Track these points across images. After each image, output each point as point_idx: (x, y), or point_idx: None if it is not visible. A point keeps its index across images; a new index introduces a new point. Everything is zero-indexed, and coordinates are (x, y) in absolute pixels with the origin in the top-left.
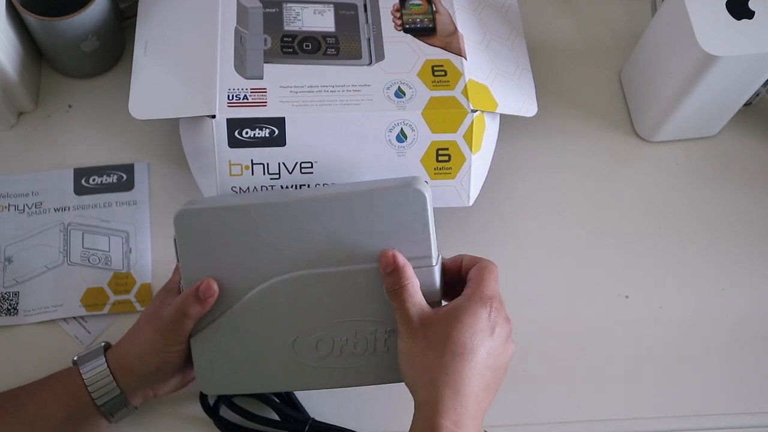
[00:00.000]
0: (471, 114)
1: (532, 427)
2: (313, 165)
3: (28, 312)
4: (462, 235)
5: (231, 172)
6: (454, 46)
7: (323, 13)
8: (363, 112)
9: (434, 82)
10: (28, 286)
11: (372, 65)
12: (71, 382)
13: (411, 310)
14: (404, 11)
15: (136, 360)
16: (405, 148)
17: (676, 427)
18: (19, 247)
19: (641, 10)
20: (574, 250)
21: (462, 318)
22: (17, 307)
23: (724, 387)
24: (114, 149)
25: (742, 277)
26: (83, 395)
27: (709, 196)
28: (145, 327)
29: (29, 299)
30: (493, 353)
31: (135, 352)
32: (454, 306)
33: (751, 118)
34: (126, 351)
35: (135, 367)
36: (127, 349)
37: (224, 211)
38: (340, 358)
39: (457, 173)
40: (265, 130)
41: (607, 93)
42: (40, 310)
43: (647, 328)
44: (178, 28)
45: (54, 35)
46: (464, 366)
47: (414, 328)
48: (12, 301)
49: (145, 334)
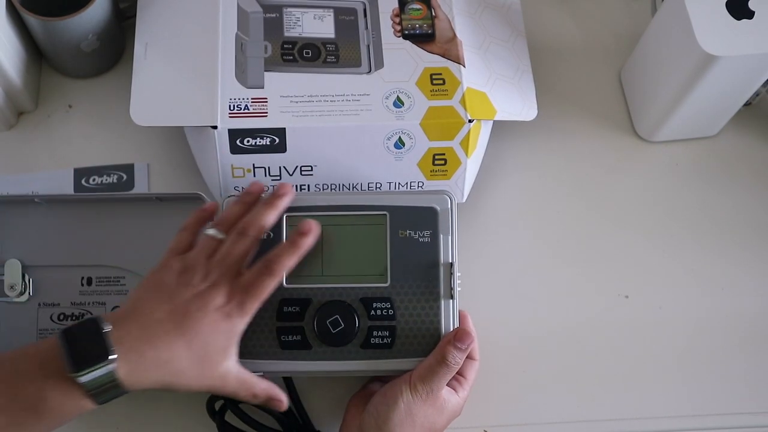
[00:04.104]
0: (468, 124)
1: (532, 427)
2: (313, 168)
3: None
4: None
5: (234, 175)
6: (452, 54)
7: (323, 18)
8: (362, 122)
9: (432, 91)
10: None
11: (371, 73)
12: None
13: (431, 382)
14: (404, 16)
15: (156, 373)
16: (402, 154)
17: (676, 427)
18: None
19: (641, 10)
20: (573, 250)
21: (445, 416)
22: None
23: (724, 387)
24: (114, 149)
25: (743, 277)
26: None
27: (709, 196)
28: (177, 340)
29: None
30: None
31: (158, 360)
32: (450, 402)
33: (751, 118)
34: (142, 352)
35: (151, 378)
36: (143, 352)
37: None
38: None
39: (453, 174)
40: (266, 138)
41: (607, 93)
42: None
43: (647, 328)
44: (179, 30)
45: (54, 35)
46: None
47: (415, 387)
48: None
49: (175, 350)
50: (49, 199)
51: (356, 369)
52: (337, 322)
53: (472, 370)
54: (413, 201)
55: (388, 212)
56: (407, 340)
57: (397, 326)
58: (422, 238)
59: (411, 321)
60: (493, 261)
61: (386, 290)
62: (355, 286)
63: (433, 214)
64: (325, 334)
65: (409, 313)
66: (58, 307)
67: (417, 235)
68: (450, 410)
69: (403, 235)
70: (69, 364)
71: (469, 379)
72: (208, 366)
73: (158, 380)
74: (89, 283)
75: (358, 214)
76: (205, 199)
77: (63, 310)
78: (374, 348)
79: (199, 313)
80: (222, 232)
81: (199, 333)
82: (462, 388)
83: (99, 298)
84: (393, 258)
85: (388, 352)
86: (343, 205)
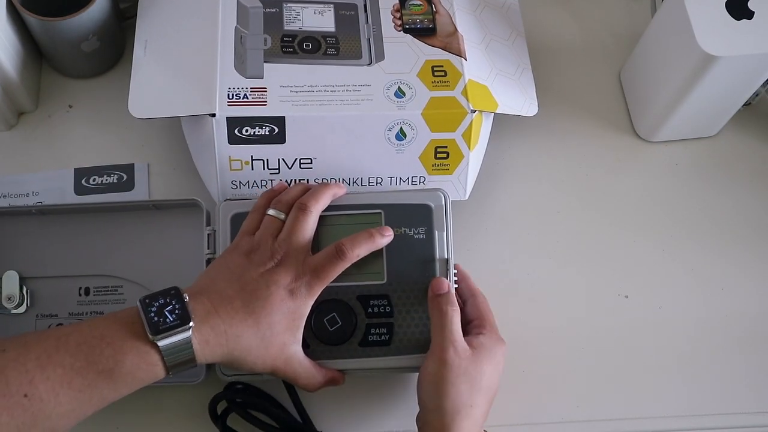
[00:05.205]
0: (471, 114)
1: (532, 427)
2: (312, 161)
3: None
4: (461, 236)
5: (231, 167)
6: (454, 47)
7: (323, 13)
8: (363, 111)
9: (434, 82)
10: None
11: (372, 65)
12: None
13: (450, 338)
14: (404, 11)
15: (225, 347)
16: (404, 146)
17: (676, 427)
18: None
19: (641, 10)
20: (573, 250)
21: (491, 359)
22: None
23: (723, 387)
24: (114, 149)
25: (742, 277)
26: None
27: (708, 196)
28: (246, 318)
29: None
30: (498, 384)
31: (228, 335)
32: (482, 345)
33: (750, 118)
34: (214, 326)
35: (220, 352)
36: (215, 325)
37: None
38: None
39: (455, 169)
40: (265, 128)
41: (607, 93)
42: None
43: (647, 328)
44: (179, 28)
45: (54, 35)
46: (486, 402)
47: (449, 356)
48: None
49: (244, 327)
50: (45, 209)
51: (355, 367)
52: (335, 321)
53: (480, 306)
54: (408, 199)
55: (383, 210)
56: (405, 336)
57: (395, 323)
58: (417, 235)
59: (408, 318)
60: (493, 261)
61: (383, 288)
62: (352, 284)
63: (428, 211)
64: (323, 333)
65: (407, 309)
66: (56, 317)
67: (412, 233)
68: (487, 351)
69: (398, 232)
70: (149, 327)
71: (485, 316)
72: (274, 346)
73: (226, 355)
74: (87, 293)
75: (353, 213)
76: (202, 205)
77: (61, 321)
78: (372, 345)
79: (266, 292)
80: (281, 212)
81: (266, 311)
82: (482, 327)
83: (97, 308)
84: (389, 255)
85: (386, 349)
86: (339, 204)
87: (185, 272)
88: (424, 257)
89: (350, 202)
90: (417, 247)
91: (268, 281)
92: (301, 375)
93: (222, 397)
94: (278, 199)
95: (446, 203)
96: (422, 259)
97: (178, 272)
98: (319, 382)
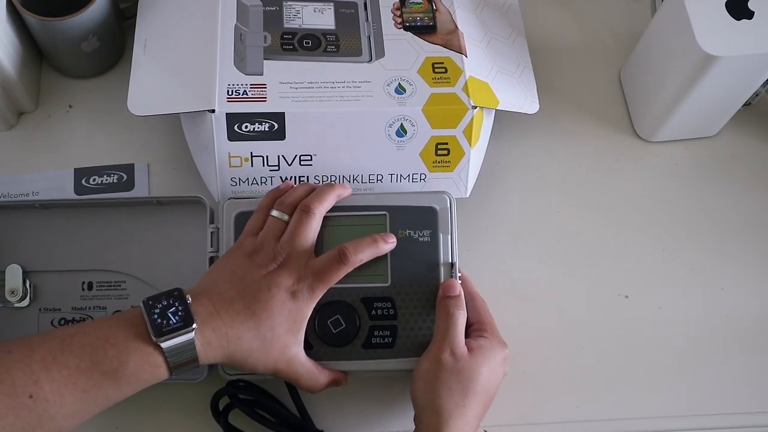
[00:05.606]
0: (471, 110)
1: (532, 427)
2: (312, 158)
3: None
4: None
5: (231, 164)
6: (454, 44)
7: (323, 11)
8: (363, 107)
9: (435, 78)
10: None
11: (372, 62)
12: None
13: (450, 339)
14: (404, 9)
15: (227, 349)
16: (404, 143)
17: (676, 427)
18: None
19: (641, 10)
20: (573, 250)
21: (489, 361)
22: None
23: (723, 387)
24: (114, 149)
25: (742, 277)
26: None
27: (708, 196)
28: (247, 320)
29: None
30: (497, 387)
31: (229, 336)
32: (481, 347)
33: (750, 118)
34: (215, 327)
35: (222, 353)
36: (217, 327)
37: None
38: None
39: (456, 166)
40: (265, 124)
41: (607, 93)
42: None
43: (647, 328)
44: (178, 27)
45: (54, 35)
46: (481, 403)
47: (445, 356)
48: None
49: (245, 329)
50: (49, 204)
51: (357, 369)
52: (339, 322)
53: (480, 309)
54: (413, 201)
55: (388, 212)
56: (408, 339)
57: (399, 326)
58: (422, 238)
59: (412, 320)
60: (493, 261)
61: (387, 290)
62: (355, 286)
63: (433, 213)
64: (327, 334)
65: (410, 312)
66: (59, 312)
67: (417, 235)
68: (485, 353)
69: (402, 234)
70: (153, 329)
71: (485, 319)
72: (275, 348)
73: (228, 356)
74: (90, 287)
75: (357, 214)
76: (205, 202)
77: (64, 315)
78: (375, 348)
79: (267, 294)
80: (284, 213)
81: (267, 313)
82: (482, 330)
83: (100, 303)
84: (394, 258)
85: (389, 351)
86: (343, 205)
87: (188, 269)
88: (429, 260)
89: (355, 204)
90: (421, 250)
91: (269, 283)
92: (303, 376)
93: (224, 393)
94: (282, 200)
95: (451, 206)
96: (427, 263)
97: (180, 269)
98: (321, 383)
